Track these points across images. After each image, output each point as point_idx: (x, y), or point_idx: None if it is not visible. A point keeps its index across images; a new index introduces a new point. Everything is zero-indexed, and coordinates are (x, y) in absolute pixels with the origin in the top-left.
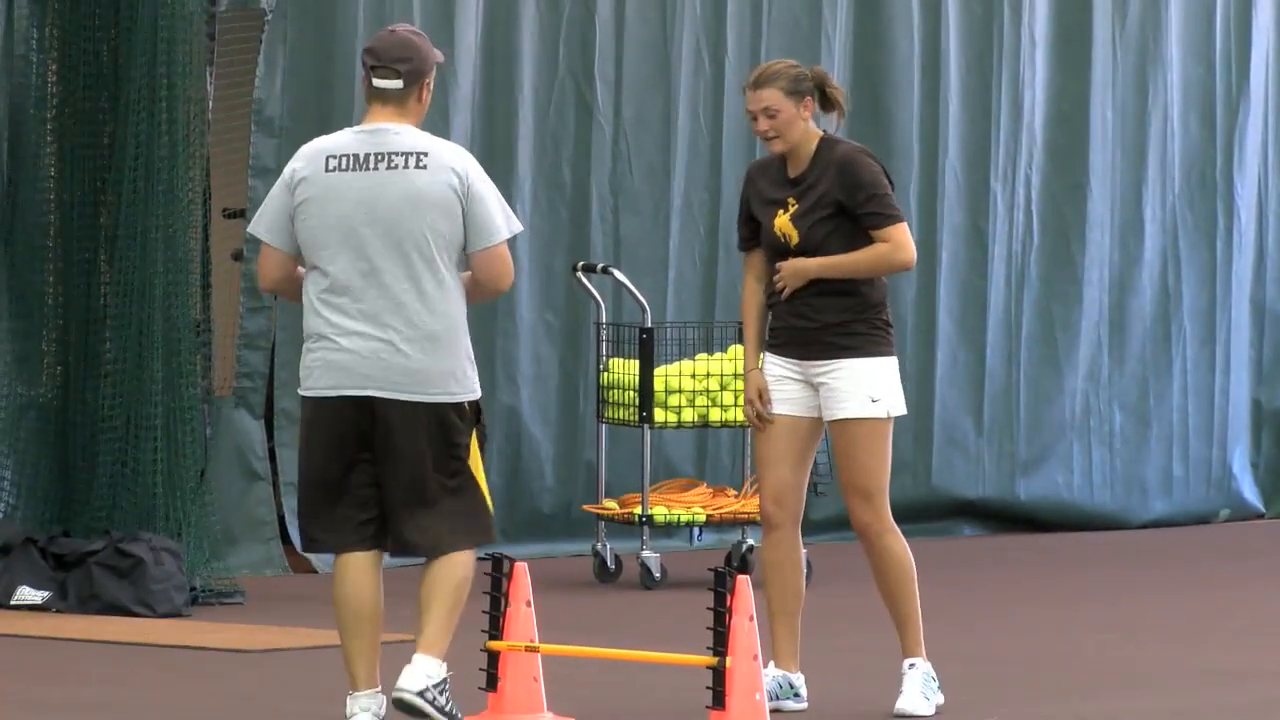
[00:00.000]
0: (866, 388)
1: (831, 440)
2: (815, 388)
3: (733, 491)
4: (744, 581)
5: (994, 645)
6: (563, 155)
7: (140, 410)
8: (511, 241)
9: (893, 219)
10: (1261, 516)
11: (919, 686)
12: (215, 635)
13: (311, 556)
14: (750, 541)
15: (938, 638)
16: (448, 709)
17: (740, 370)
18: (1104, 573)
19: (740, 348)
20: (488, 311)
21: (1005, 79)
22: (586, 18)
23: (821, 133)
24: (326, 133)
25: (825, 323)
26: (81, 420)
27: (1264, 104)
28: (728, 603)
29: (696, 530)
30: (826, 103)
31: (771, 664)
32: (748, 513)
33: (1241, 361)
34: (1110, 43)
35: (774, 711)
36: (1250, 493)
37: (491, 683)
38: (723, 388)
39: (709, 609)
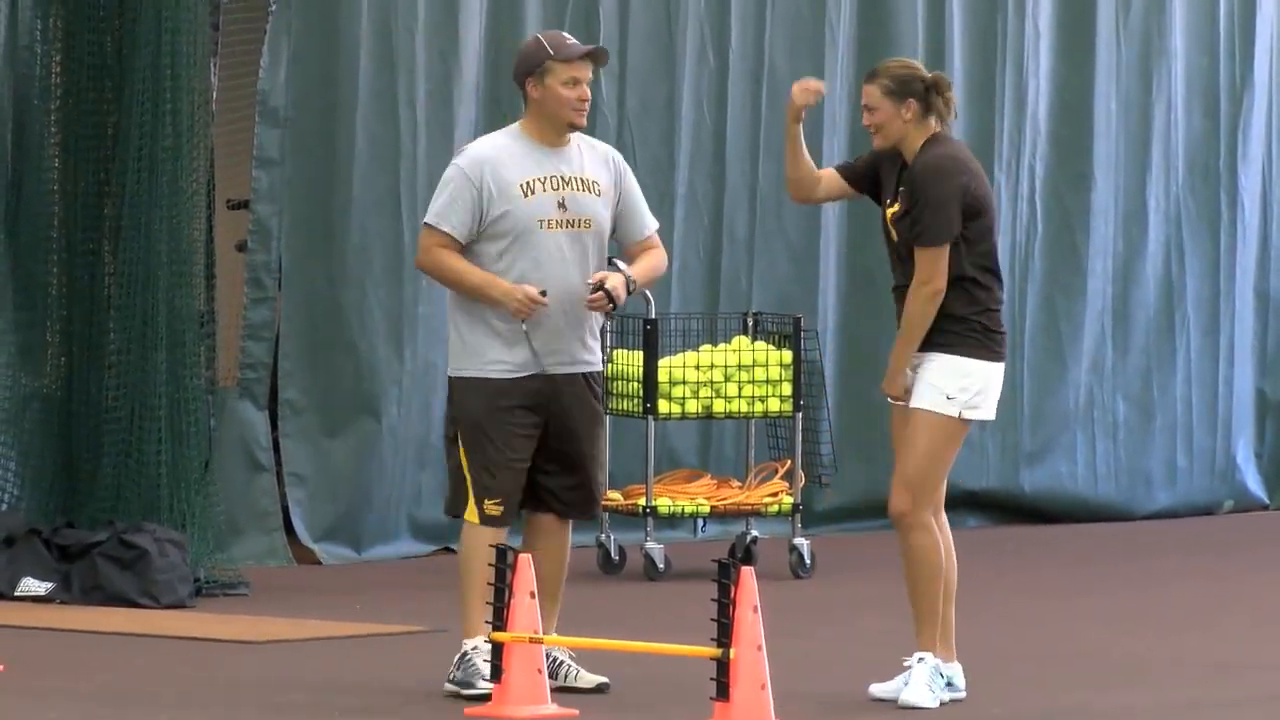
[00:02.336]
0: (945, 382)
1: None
2: None
3: (737, 483)
4: (748, 572)
5: (997, 637)
6: None
7: (144, 401)
8: None
9: (926, 240)
10: (1265, 507)
11: (925, 679)
12: (219, 626)
13: (314, 547)
14: (754, 533)
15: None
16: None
17: (743, 362)
18: (1107, 564)
19: (743, 339)
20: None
21: (1009, 70)
22: (591, 9)
23: (934, 132)
24: (330, 123)
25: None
26: (85, 411)
27: (1268, 94)
28: (732, 594)
29: (700, 521)
30: (934, 109)
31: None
32: (751, 504)
33: (1245, 352)
34: (1114, 33)
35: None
36: (1254, 483)
37: (495, 674)
38: (727, 379)
39: (713, 600)
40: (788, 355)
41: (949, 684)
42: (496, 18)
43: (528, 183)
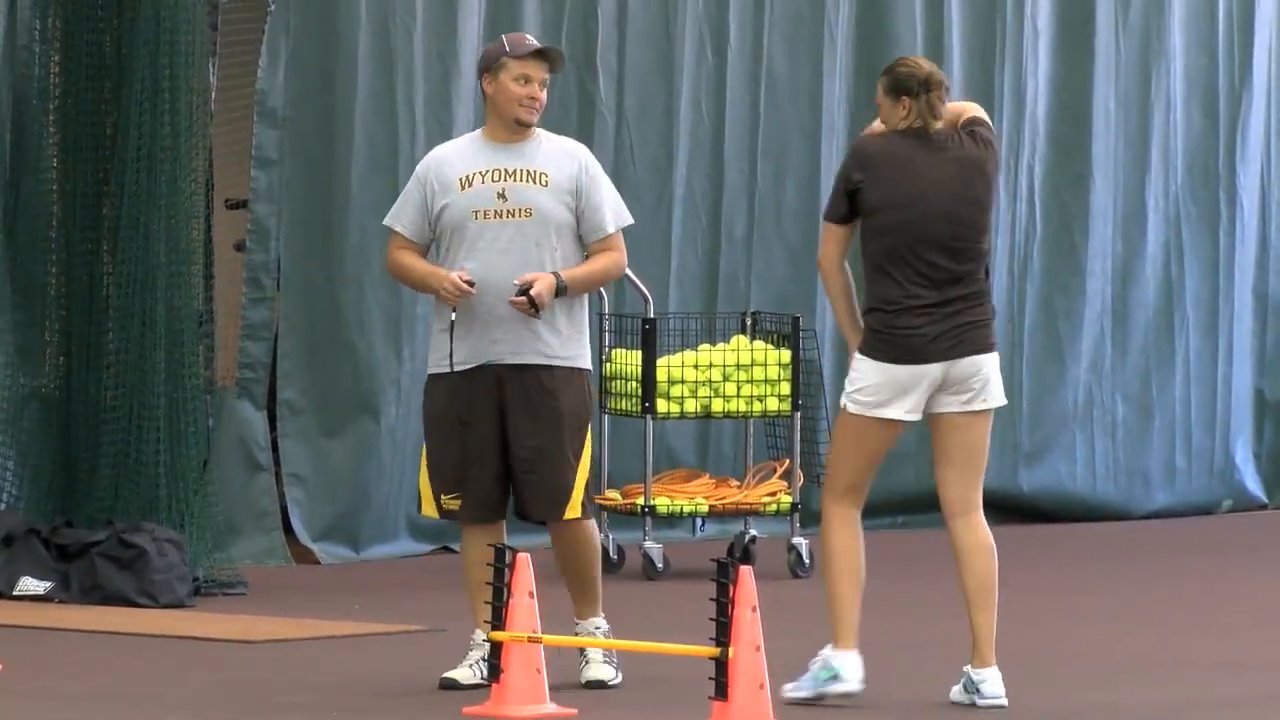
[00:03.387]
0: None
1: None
2: None
3: (735, 482)
4: (746, 572)
5: (996, 636)
6: None
7: (143, 401)
8: None
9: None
10: (1264, 507)
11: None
12: (218, 626)
13: (313, 547)
14: (753, 532)
15: (939, 629)
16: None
17: (741, 361)
18: (1106, 564)
19: (742, 338)
20: None
21: (1008, 70)
22: (589, 8)
23: (895, 130)
24: (329, 123)
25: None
26: (84, 411)
27: (1266, 94)
28: (730, 593)
29: (699, 521)
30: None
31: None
32: (750, 503)
33: (1244, 352)
34: (1113, 33)
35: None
36: (1253, 483)
37: (494, 673)
38: (725, 378)
39: (711, 599)
40: (786, 355)
41: (976, 689)
42: (495, 18)
43: (467, 176)
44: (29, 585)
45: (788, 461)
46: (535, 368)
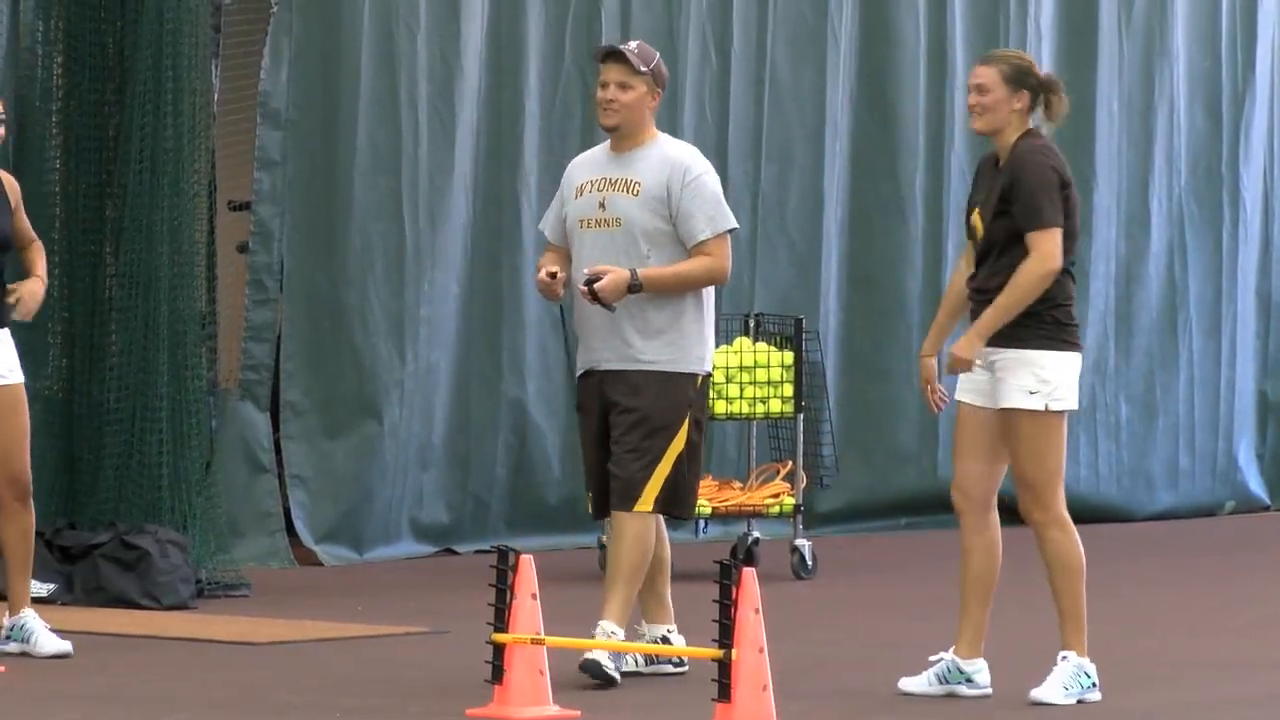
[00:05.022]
0: (1024, 378)
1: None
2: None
3: (738, 484)
4: (749, 574)
5: (999, 637)
6: (569, 148)
7: (146, 402)
8: (521, 236)
9: (1038, 224)
10: (1267, 509)
11: (1061, 678)
12: (221, 627)
13: (316, 548)
14: (756, 534)
15: (943, 630)
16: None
17: (745, 363)
18: (1109, 565)
19: (745, 340)
20: (494, 304)
21: None
22: (593, 11)
23: (1030, 129)
24: (332, 124)
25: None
26: (87, 413)
27: (1269, 96)
28: (733, 595)
29: (702, 523)
30: (1046, 108)
31: (951, 648)
32: (753, 505)
33: (1247, 353)
34: (1116, 35)
35: (948, 695)
36: (1256, 485)
37: (497, 675)
38: (728, 380)
39: (715, 601)
40: (789, 356)
41: (968, 679)
42: (498, 19)
43: (582, 185)
44: (32, 587)
45: (791, 463)
46: (626, 372)
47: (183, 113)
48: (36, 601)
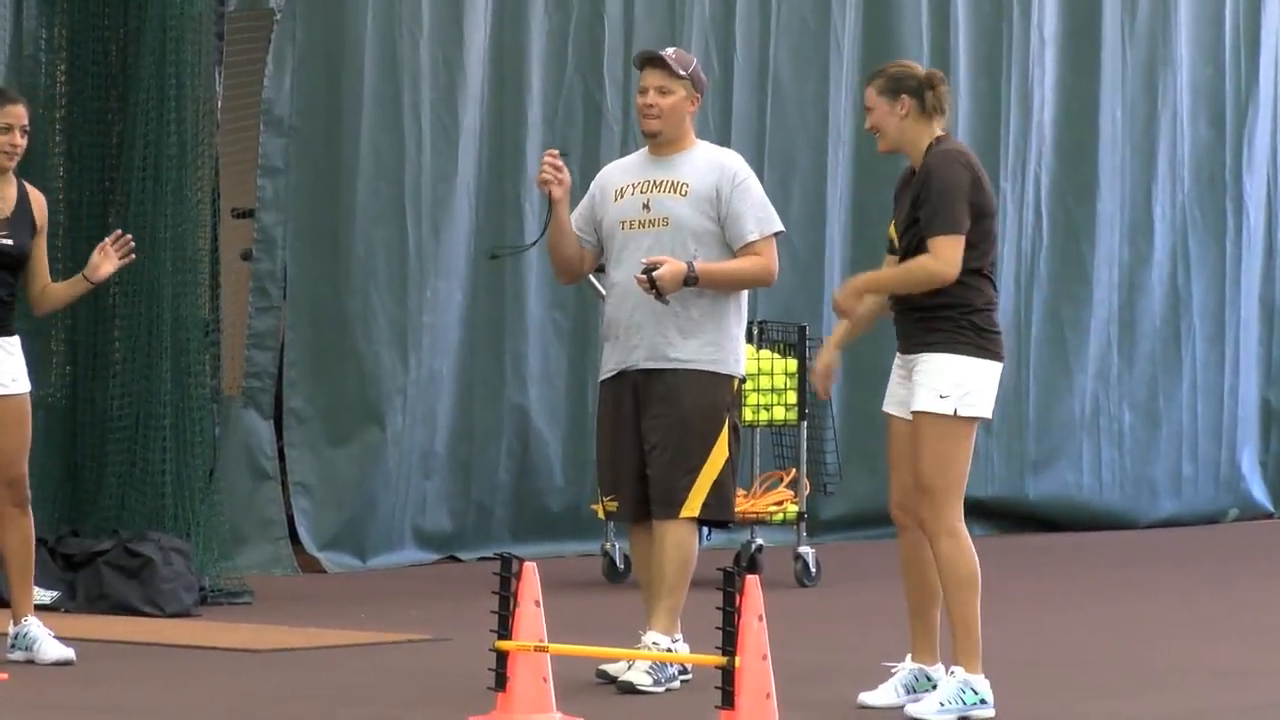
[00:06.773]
0: (937, 382)
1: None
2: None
3: (742, 491)
4: (753, 581)
5: (1001, 644)
6: (571, 156)
7: (149, 410)
8: (523, 242)
9: (939, 229)
10: (1270, 516)
11: (941, 694)
12: (224, 635)
13: (319, 556)
14: (759, 541)
15: (944, 636)
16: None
17: (748, 370)
18: (1112, 572)
19: (749, 347)
20: (497, 310)
21: (1014, 79)
22: (595, 18)
23: (941, 135)
24: (335, 131)
25: (913, 312)
26: (90, 420)
27: (1273, 104)
28: (737, 602)
29: (705, 530)
30: (925, 105)
31: (908, 657)
32: (756, 512)
33: (1251, 361)
34: (1120, 42)
35: (911, 702)
36: (1259, 492)
37: (500, 682)
38: None
39: (718, 609)
40: (792, 364)
41: (934, 685)
42: (500, 26)
43: (621, 188)
44: (35, 594)
45: (794, 471)
46: (664, 371)
47: (186, 120)
48: (40, 609)
